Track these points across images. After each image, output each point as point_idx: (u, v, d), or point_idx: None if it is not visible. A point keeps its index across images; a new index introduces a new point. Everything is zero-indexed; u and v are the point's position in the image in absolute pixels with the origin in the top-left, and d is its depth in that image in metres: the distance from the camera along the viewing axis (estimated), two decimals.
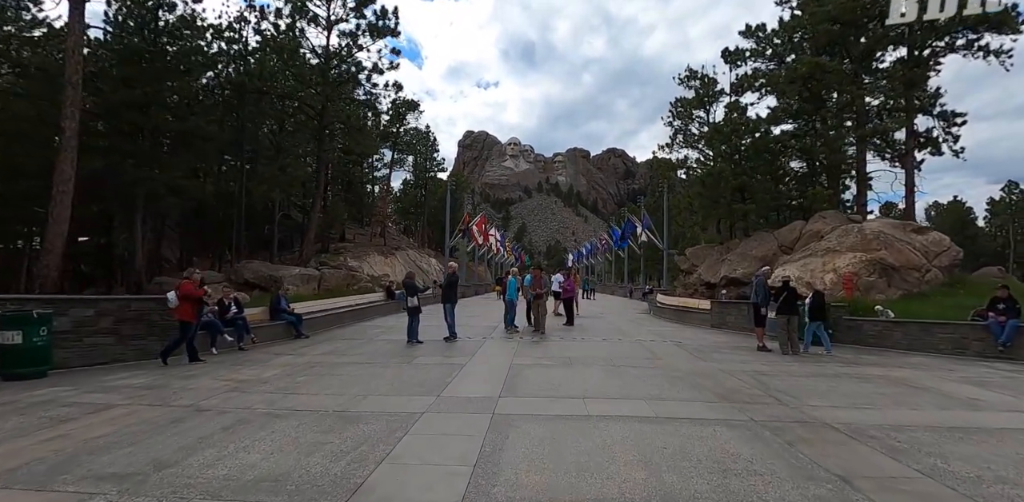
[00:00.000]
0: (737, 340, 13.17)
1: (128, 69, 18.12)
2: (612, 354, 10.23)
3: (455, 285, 12.19)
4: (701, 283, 20.63)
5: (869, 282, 14.56)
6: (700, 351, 10.93)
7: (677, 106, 26.47)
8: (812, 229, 17.64)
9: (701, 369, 8.75)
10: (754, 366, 9.20)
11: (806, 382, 7.84)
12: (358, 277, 20.60)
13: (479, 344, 11.58)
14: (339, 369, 8.50)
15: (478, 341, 12.13)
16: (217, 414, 5.73)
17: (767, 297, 11.24)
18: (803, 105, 20.68)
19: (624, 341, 12.36)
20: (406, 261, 38.87)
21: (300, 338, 12.70)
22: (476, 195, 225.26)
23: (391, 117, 46.24)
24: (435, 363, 9.09)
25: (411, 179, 58.14)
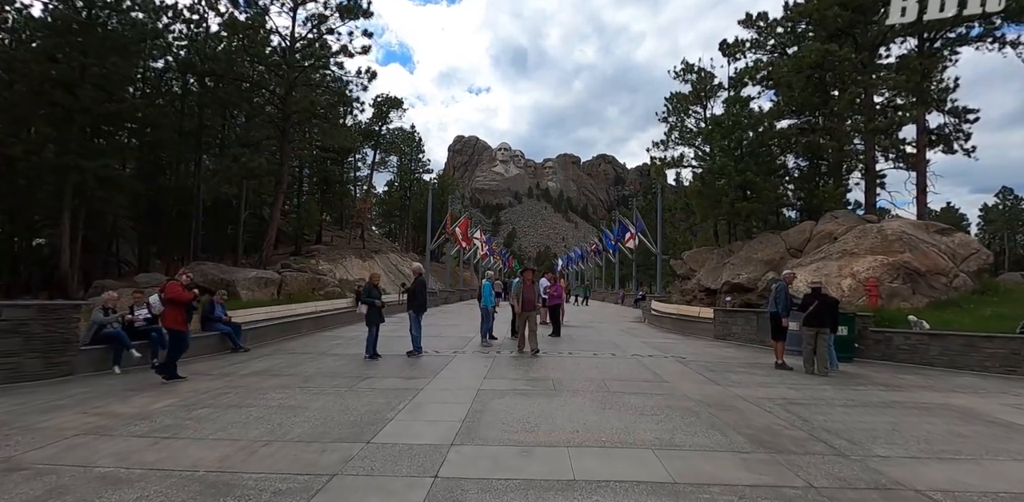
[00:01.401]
0: (748, 355, 11.44)
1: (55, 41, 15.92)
2: (605, 375, 8.44)
3: (422, 291, 10.34)
4: (700, 289, 18.96)
5: (891, 288, 12.93)
6: (709, 370, 9.17)
7: (672, 101, 24.96)
8: (823, 230, 16.05)
9: (717, 397, 6.98)
10: (781, 391, 7.45)
11: (856, 416, 6.09)
12: (325, 281, 18.74)
13: (447, 360, 9.74)
14: (258, 397, 6.62)
15: (447, 356, 10.29)
16: (31, 477, 3.90)
17: (788, 306, 9.52)
18: (809, 98, 19.18)
19: (618, 357, 10.57)
20: (387, 265, 36.92)
21: (238, 352, 10.80)
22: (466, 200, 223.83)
23: (374, 115, 44.52)
24: (385, 388, 7.25)
25: (396, 180, 56.26)
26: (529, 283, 10.90)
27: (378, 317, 10.51)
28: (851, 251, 14.09)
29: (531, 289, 10.88)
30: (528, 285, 10.83)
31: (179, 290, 7.56)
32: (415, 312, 10.28)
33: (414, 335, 10.28)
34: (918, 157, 20.55)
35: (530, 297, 10.71)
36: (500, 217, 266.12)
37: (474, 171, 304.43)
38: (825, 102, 19.28)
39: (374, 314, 10.45)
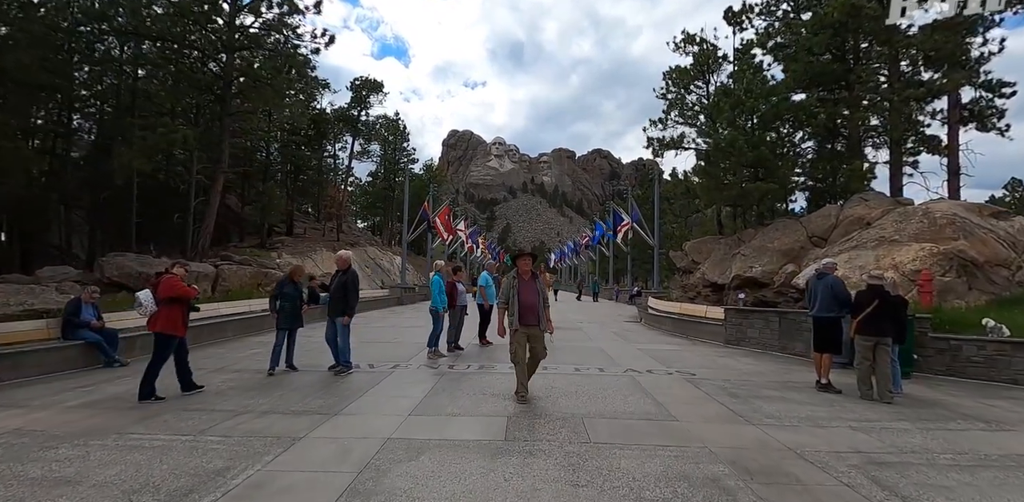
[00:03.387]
0: (774, 368, 8.99)
1: None
2: (588, 407, 5.95)
3: (353, 287, 7.76)
4: (705, 284, 16.53)
5: (943, 283, 10.52)
6: (730, 394, 6.70)
7: (672, 75, 22.43)
8: (852, 214, 13.62)
9: (756, 450, 4.50)
10: (845, 436, 4.99)
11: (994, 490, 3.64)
12: (274, 276, 16.27)
13: (376, 380, 7.23)
14: (29, 458, 4.12)
15: (381, 373, 7.79)
16: None
17: (844, 305, 7.08)
18: (828, 66, 16.70)
19: (608, 373, 8.08)
20: (363, 259, 34.32)
21: (112, 366, 8.26)
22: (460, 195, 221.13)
23: (352, 98, 41.77)
24: (250, 432, 4.79)
25: (380, 171, 53.49)
26: (527, 278, 6.18)
27: (292, 321, 8.01)
28: (890, 238, 11.66)
29: (531, 288, 6.13)
30: (526, 281, 6.15)
31: (180, 285, 6.25)
32: (339, 315, 7.73)
33: (340, 346, 7.75)
34: (950, 135, 18.13)
35: (531, 302, 6.03)
36: (495, 212, 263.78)
37: (468, 166, 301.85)
38: (848, 71, 16.80)
39: (286, 316, 7.97)
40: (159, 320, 6.12)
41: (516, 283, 6.08)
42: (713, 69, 22.19)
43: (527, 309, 6.00)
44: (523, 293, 6.05)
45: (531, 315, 6.02)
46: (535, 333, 6.08)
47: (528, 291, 6.08)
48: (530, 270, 6.25)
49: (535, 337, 6.09)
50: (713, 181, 16.15)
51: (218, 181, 19.65)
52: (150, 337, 9.64)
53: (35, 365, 7.56)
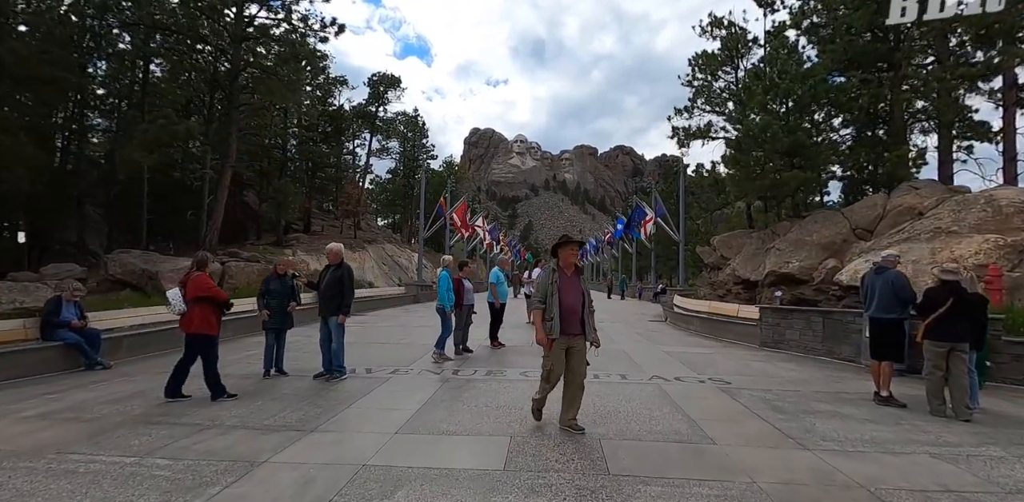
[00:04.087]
0: (821, 375, 7.97)
1: None
2: (608, 424, 5.10)
3: (345, 283, 7.00)
4: (735, 281, 15.44)
5: (1012, 279, 9.33)
6: (775, 409, 5.76)
7: (698, 61, 21.25)
8: (901, 204, 12.39)
9: (815, 485, 3.59)
10: (926, 465, 4.04)
11: None
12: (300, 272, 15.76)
13: (370, 388, 6.49)
14: None
15: (378, 379, 7.04)
16: None
17: (908, 305, 6.09)
18: (871, 45, 15.39)
19: (632, 381, 7.18)
20: (380, 256, 33.89)
21: (94, 369, 7.71)
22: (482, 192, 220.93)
23: (369, 94, 41.39)
24: (206, 454, 4.09)
25: (400, 168, 53.12)
26: (571, 272, 4.82)
27: (281, 320, 7.31)
28: (947, 229, 10.46)
29: (574, 287, 4.77)
30: (569, 277, 4.79)
31: (210, 283, 6.02)
32: (333, 314, 6.99)
33: (333, 349, 7.01)
34: (1006, 118, 16.62)
35: (573, 304, 4.70)
36: (516, 210, 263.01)
37: (490, 164, 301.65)
38: (891, 50, 15.45)
39: (274, 316, 7.27)
40: (194, 320, 5.79)
41: (557, 279, 4.70)
42: (742, 53, 20.95)
43: (569, 313, 4.64)
44: (565, 292, 4.66)
45: (574, 321, 4.65)
46: (577, 345, 4.70)
47: (571, 290, 4.69)
48: (575, 263, 4.84)
49: (577, 351, 4.70)
50: (744, 171, 14.98)
51: (225, 176, 19.24)
52: (138, 337, 9.17)
53: (9, 367, 7.03)
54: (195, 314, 5.79)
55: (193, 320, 5.79)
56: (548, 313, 4.63)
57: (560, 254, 4.82)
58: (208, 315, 5.85)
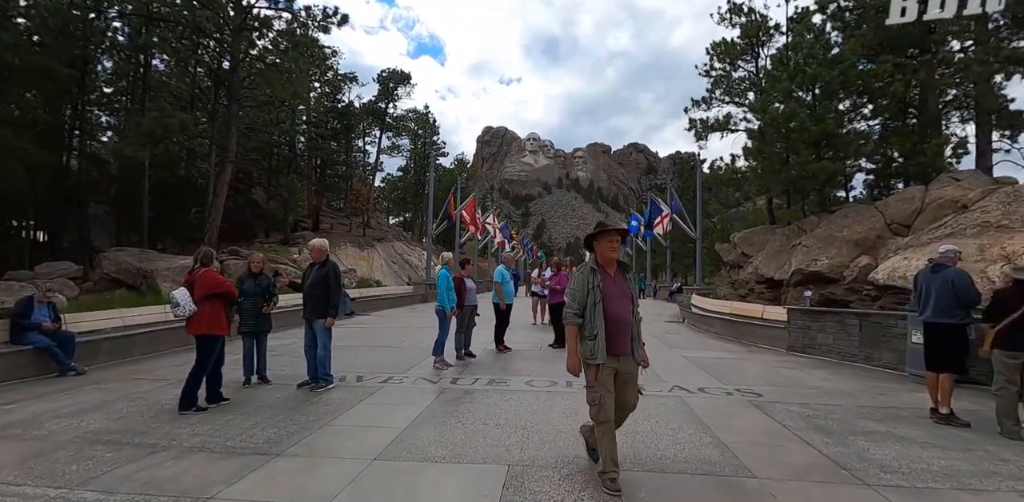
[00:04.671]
0: (860, 384, 7.14)
1: None
2: (624, 448, 4.33)
3: (332, 282, 6.35)
4: (758, 280, 14.56)
5: None
6: (818, 429, 4.98)
7: (717, 49, 20.31)
8: (942, 196, 11.45)
9: None
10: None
11: None
12: (283, 270, 15.26)
13: (356, 398, 5.83)
14: None
15: (368, 388, 6.38)
16: None
17: (970, 308, 5.29)
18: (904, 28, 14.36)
19: (650, 392, 6.39)
20: (389, 254, 33.38)
21: (67, 375, 7.15)
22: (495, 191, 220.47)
23: (379, 91, 40.90)
24: (143, 485, 3.53)
25: (411, 165, 52.65)
26: (613, 270, 3.63)
27: (256, 323, 6.68)
28: (997, 223, 9.53)
29: (621, 291, 3.58)
30: (612, 276, 3.60)
31: (216, 278, 5.60)
32: (318, 317, 6.34)
33: (319, 356, 6.36)
34: None
35: (622, 313, 3.50)
36: (529, 208, 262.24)
37: (503, 162, 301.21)
38: (927, 32, 14.42)
39: (250, 319, 6.64)
40: (203, 321, 5.39)
41: (597, 281, 3.47)
42: (763, 41, 19.97)
43: (618, 326, 3.42)
44: (610, 299, 3.44)
45: (623, 336, 3.44)
46: (626, 367, 3.53)
47: (616, 295, 3.48)
48: (616, 258, 3.62)
49: (627, 376, 3.55)
50: (768, 163, 14.06)
51: (226, 172, 18.74)
52: (122, 340, 8.60)
53: None
54: (205, 314, 5.39)
55: (204, 320, 5.39)
56: (588, 329, 3.41)
57: (597, 247, 3.61)
58: (219, 314, 5.50)
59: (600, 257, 3.60)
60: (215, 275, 5.65)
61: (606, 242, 3.58)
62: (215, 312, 5.47)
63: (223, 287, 5.57)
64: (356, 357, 8.58)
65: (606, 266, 3.60)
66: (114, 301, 11.84)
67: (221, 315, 5.53)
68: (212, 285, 5.47)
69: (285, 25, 19.20)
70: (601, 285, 3.47)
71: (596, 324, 3.39)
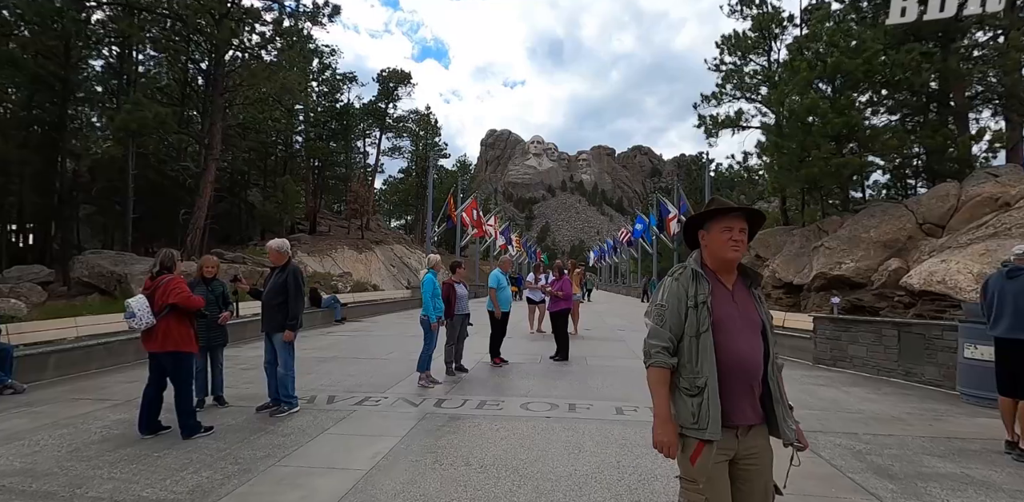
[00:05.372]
0: (908, 408, 6.19)
1: None
2: (638, 497, 3.44)
3: (291, 290, 5.45)
4: (775, 284, 13.61)
5: None
6: (875, 467, 4.06)
7: (728, 42, 19.42)
8: (979, 193, 10.51)
9: None
10: None
11: None
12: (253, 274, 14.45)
13: (321, 426, 4.94)
14: None
15: (337, 412, 5.50)
16: None
17: None
18: None
19: None
20: (388, 257, 32.54)
21: (4, 393, 6.31)
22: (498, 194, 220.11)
23: (379, 91, 40.20)
24: None
25: (412, 167, 51.96)
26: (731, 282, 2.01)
27: (208, 335, 5.81)
28: None
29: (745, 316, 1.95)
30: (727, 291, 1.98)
31: (184, 288, 4.79)
32: (277, 330, 5.46)
33: (281, 375, 5.48)
34: None
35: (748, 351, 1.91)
36: (533, 211, 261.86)
37: (507, 165, 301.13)
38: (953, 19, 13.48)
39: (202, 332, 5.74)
40: (171, 336, 4.64)
41: (704, 295, 1.92)
42: (776, 34, 19.06)
43: (741, 375, 1.90)
44: (728, 327, 1.91)
45: (749, 396, 1.91)
46: (755, 449, 1.96)
47: (740, 322, 1.94)
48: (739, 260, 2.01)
49: (755, 465, 1.96)
50: (787, 158, 13.11)
51: (209, 170, 17.92)
52: (75, 352, 7.73)
53: None
54: (171, 327, 4.66)
55: (170, 335, 4.65)
56: (688, 378, 1.90)
57: (707, 240, 2.01)
58: (187, 328, 4.80)
59: (710, 256, 2.00)
60: (181, 283, 4.84)
61: (723, 231, 1.94)
62: (182, 326, 4.74)
63: (189, 300, 4.74)
64: (335, 371, 7.70)
65: (720, 272, 2.00)
66: (82, 308, 11.04)
67: (189, 329, 4.83)
68: (178, 295, 4.67)
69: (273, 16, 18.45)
70: (710, 302, 1.91)
71: (702, 370, 1.86)
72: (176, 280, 4.81)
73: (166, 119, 15.15)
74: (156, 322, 4.62)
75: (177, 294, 4.68)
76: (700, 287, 1.93)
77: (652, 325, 1.99)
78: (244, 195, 28.36)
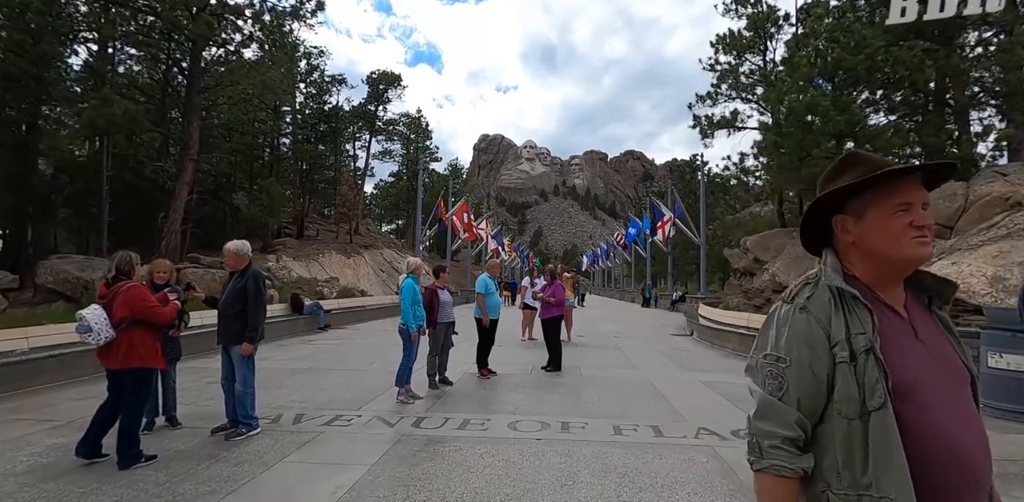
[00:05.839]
0: None
1: None
2: None
3: (250, 297, 4.85)
4: (776, 288, 13.15)
5: None
6: None
7: (723, 42, 19.05)
8: (988, 193, 10.11)
9: None
10: None
11: None
12: None
13: (280, 452, 4.35)
14: None
15: (302, 434, 4.91)
16: None
17: None
18: None
19: (670, 440, 4.96)
20: (377, 263, 31.91)
21: None
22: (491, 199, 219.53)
23: (368, 93, 39.65)
24: None
25: (403, 171, 51.38)
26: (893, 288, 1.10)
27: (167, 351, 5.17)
28: None
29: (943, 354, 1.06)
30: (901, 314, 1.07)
31: (147, 297, 4.19)
32: (234, 343, 4.87)
33: (239, 393, 4.88)
34: None
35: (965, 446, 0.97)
36: (526, 216, 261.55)
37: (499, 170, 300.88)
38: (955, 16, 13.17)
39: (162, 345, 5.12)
40: (133, 350, 4.04)
41: (868, 334, 1.00)
42: (771, 33, 18.74)
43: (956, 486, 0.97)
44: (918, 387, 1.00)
45: None
46: None
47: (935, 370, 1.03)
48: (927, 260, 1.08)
49: None
50: (786, 158, 12.70)
51: (186, 171, 17.22)
52: (15, 368, 7.07)
53: None
54: (135, 341, 4.06)
55: (134, 350, 4.04)
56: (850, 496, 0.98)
57: (864, 227, 1.09)
58: (153, 340, 4.21)
59: (869, 259, 1.11)
60: (144, 293, 4.23)
61: (897, 210, 1.06)
62: (148, 340, 4.17)
63: (151, 312, 4.13)
64: (308, 385, 7.10)
65: (882, 287, 1.11)
66: (44, 316, 10.36)
67: (156, 343, 4.25)
68: (138, 307, 4.07)
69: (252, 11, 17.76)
70: (879, 348, 1.00)
71: (880, 483, 0.95)
72: (135, 289, 4.20)
73: (137, 116, 14.43)
74: (116, 335, 4.04)
75: (141, 308, 4.09)
76: (855, 319, 1.03)
77: (761, 395, 1.08)
78: (229, 198, 27.65)
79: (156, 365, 4.27)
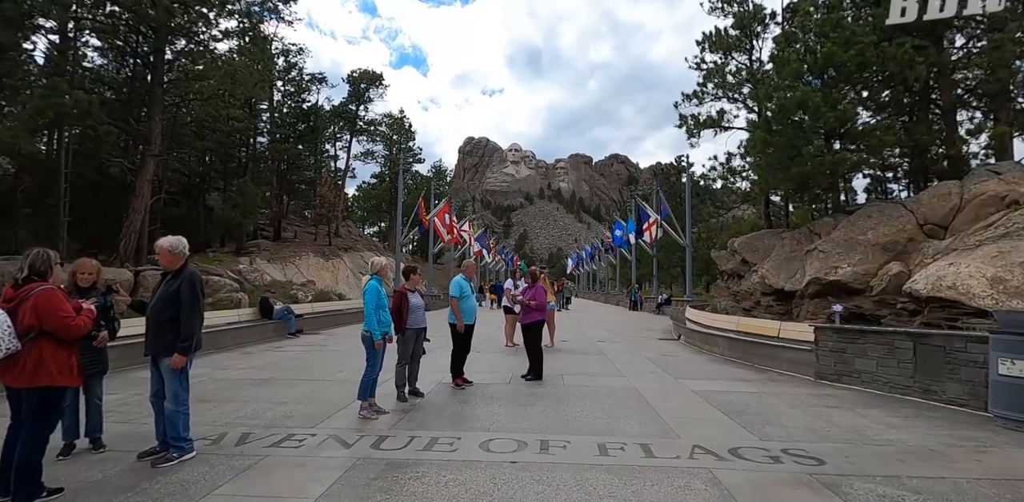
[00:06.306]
0: (945, 437, 5.22)
1: None
2: None
3: (184, 302, 4.21)
4: (765, 291, 12.78)
5: None
6: None
7: (709, 40, 18.76)
8: (983, 192, 9.81)
9: None
10: None
11: None
12: (219, 284, 12.97)
13: (214, 481, 3.72)
14: None
15: (245, 458, 4.27)
16: None
17: None
18: None
19: (661, 461, 4.42)
20: (357, 265, 31.09)
21: None
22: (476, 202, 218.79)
23: (349, 92, 38.90)
24: None
25: (386, 172, 50.59)
26: None
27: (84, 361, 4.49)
28: None
29: None
30: None
31: (62, 303, 3.50)
32: (164, 354, 4.23)
33: (169, 411, 4.24)
34: None
35: None
36: (511, 219, 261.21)
37: (485, 173, 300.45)
38: None
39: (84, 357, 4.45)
40: (43, 366, 3.41)
41: None
42: (757, 32, 18.48)
43: None
44: None
45: None
46: None
47: None
48: None
49: None
50: (776, 156, 12.31)
51: (147, 168, 16.32)
52: None
53: None
54: (45, 354, 3.42)
55: (43, 365, 3.41)
56: None
57: None
58: (67, 354, 3.56)
59: None
60: (58, 299, 3.53)
61: None
62: (60, 354, 3.51)
63: (63, 323, 3.46)
64: (263, 398, 6.45)
65: None
66: None
67: (71, 358, 3.61)
68: (50, 316, 3.41)
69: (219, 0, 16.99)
70: None
71: None
72: (48, 293, 3.49)
73: (91, 108, 13.55)
74: (22, 347, 3.38)
75: (52, 317, 3.41)
76: None
77: None
78: (202, 199, 26.69)
79: (69, 383, 3.63)
